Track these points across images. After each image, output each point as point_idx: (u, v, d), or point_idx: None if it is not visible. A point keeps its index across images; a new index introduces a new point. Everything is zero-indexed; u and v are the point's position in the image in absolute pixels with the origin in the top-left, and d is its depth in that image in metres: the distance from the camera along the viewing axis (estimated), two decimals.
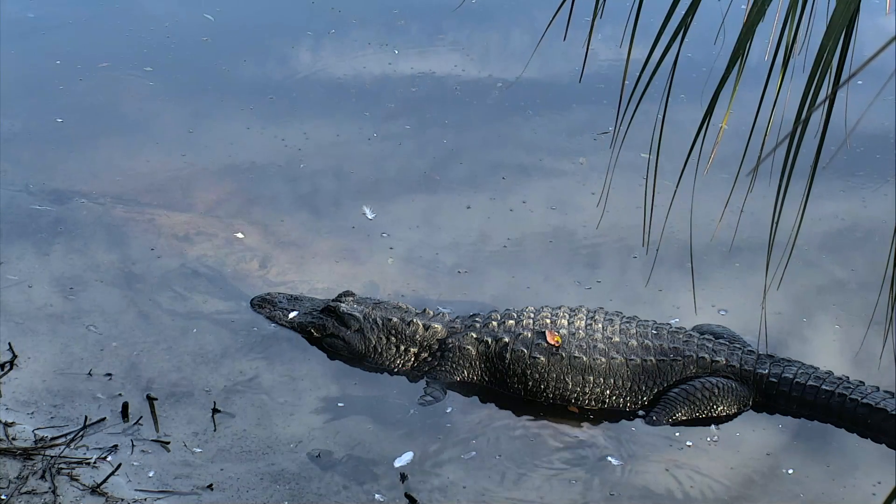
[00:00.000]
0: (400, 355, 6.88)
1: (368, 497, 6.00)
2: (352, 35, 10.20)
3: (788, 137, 3.26)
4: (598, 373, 6.62)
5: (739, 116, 5.34)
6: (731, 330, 7.04)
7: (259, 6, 10.72)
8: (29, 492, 5.85)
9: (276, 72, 9.70)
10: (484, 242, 7.84)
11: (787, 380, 6.62)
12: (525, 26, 10.51)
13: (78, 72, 9.44)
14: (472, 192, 8.33)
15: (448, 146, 8.82)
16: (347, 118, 9.12)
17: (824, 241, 7.90)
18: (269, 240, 7.78)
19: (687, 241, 7.49)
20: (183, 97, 9.26)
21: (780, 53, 3.44)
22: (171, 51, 9.83)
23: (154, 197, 8.10)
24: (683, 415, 6.54)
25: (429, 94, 9.46)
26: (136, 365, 6.72)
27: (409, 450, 6.27)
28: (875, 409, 6.48)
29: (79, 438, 6.20)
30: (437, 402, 6.61)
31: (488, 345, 6.74)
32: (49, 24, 10.12)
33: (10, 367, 6.62)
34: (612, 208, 7.79)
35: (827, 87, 3.27)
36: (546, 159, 8.72)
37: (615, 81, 9.41)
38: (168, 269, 7.46)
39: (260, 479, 6.05)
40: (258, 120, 9.03)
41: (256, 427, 6.36)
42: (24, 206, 7.90)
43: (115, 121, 8.94)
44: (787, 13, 3.36)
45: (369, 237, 7.83)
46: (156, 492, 5.93)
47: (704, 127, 3.47)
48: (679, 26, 3.44)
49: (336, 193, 8.29)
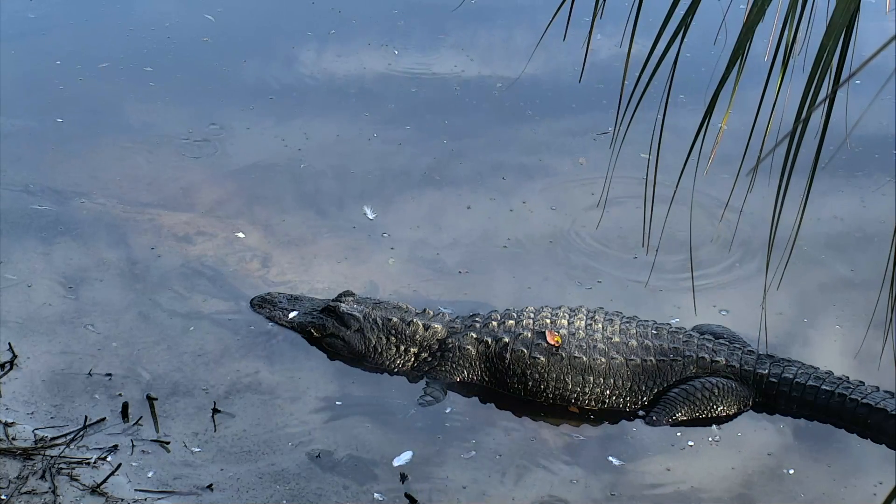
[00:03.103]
0: (400, 355, 6.88)
1: (368, 497, 6.00)
2: (352, 35, 10.20)
3: (788, 137, 3.26)
4: (597, 373, 6.62)
5: (739, 116, 5.34)
6: (731, 330, 7.04)
7: (259, 7, 10.72)
8: (29, 492, 5.85)
9: (277, 72, 9.70)
10: (484, 242, 7.84)
11: (787, 380, 6.62)
12: (525, 26, 10.51)
13: (78, 72, 9.45)
14: (473, 192, 8.33)
15: (448, 146, 8.82)
16: (348, 118, 9.13)
17: (825, 241, 7.90)
18: (270, 240, 7.78)
19: (687, 241, 7.49)
20: (183, 97, 9.26)
21: (780, 53, 3.44)
22: (171, 51, 9.84)
23: (154, 197, 8.10)
24: (683, 415, 6.54)
25: (429, 95, 9.46)
26: (136, 365, 6.72)
27: (408, 449, 6.27)
28: (875, 409, 6.48)
29: (79, 438, 6.20)
30: (437, 402, 6.61)
31: (488, 345, 6.74)
32: (49, 24, 10.12)
33: (10, 367, 6.62)
34: (612, 208, 7.79)
35: (827, 87, 3.27)
36: (546, 159, 8.72)
37: (615, 81, 9.41)
38: (168, 269, 7.46)
39: (260, 479, 6.05)
40: (258, 120, 9.03)
41: (256, 427, 6.36)
42: (24, 206, 7.90)
43: (115, 121, 8.94)
44: (787, 13, 3.35)
45: (370, 237, 7.83)
46: (156, 492, 5.93)
47: (704, 127, 3.47)
48: (679, 26, 3.44)
49: (336, 193, 8.29)
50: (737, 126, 7.86)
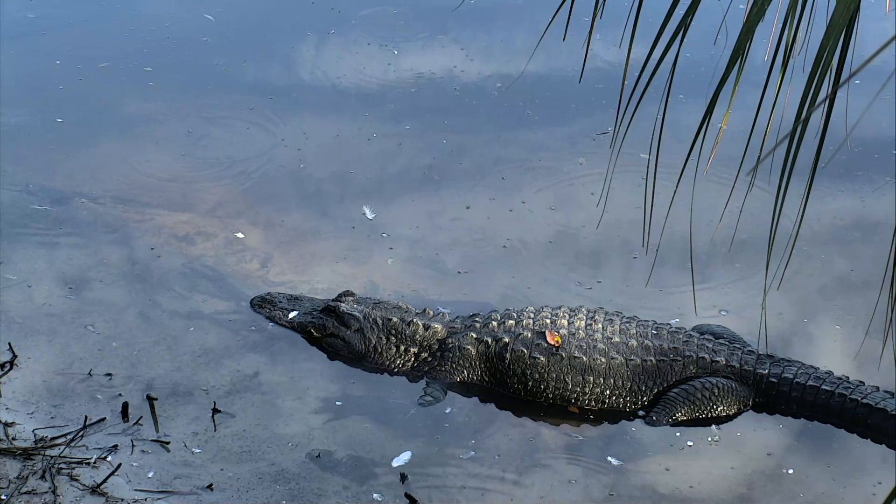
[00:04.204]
0: (400, 355, 6.88)
1: (368, 497, 6.00)
2: (352, 35, 10.20)
3: (788, 137, 3.26)
4: (597, 373, 6.62)
5: (739, 116, 5.34)
6: (731, 330, 7.04)
7: (259, 6, 10.71)
8: (29, 492, 5.85)
9: (276, 72, 9.70)
10: (484, 242, 7.84)
11: (787, 380, 6.62)
12: (525, 26, 10.51)
13: (78, 72, 9.44)
14: (472, 192, 8.33)
15: (448, 146, 8.82)
16: (347, 118, 9.12)
17: (825, 242, 7.90)
18: (269, 240, 7.78)
19: (687, 241, 7.49)
20: (183, 97, 9.26)
21: (781, 53, 3.44)
22: (171, 51, 9.83)
23: (154, 197, 8.10)
24: (683, 415, 6.54)
25: (428, 95, 9.46)
26: (136, 365, 6.72)
27: (408, 450, 6.27)
28: (875, 409, 6.48)
29: (79, 438, 6.20)
30: (437, 402, 6.61)
31: (488, 345, 6.74)
32: (49, 24, 10.12)
33: (10, 367, 6.62)
34: (612, 208, 7.79)
35: (827, 87, 3.27)
36: (546, 159, 8.71)
37: (615, 81, 9.41)
38: (168, 269, 7.46)
39: (260, 479, 6.05)
40: (258, 120, 9.02)
41: (256, 427, 6.36)
42: (24, 206, 7.90)
43: (115, 121, 8.94)
44: (787, 13, 3.36)
45: (369, 237, 7.83)
46: (156, 492, 5.93)
47: (704, 127, 3.47)
48: (679, 26, 3.44)
49: (336, 193, 8.29)
50: (737, 126, 7.86)
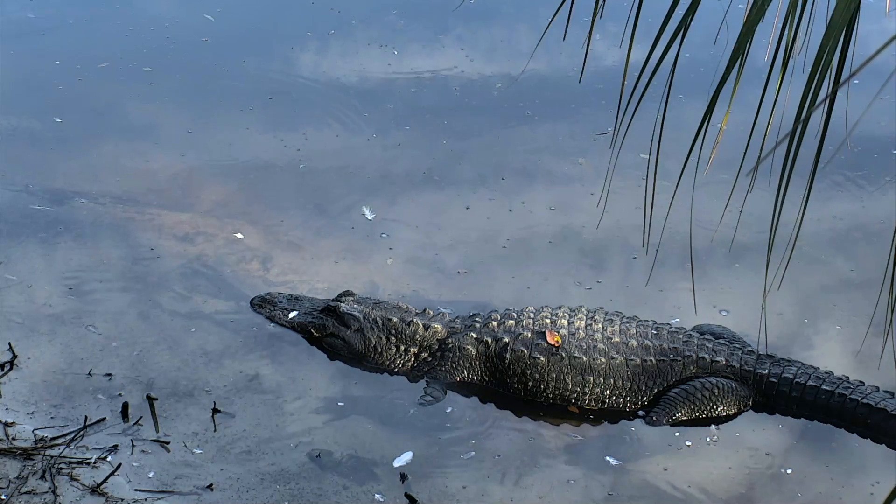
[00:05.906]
0: (400, 355, 6.88)
1: (368, 497, 6.00)
2: (352, 36, 10.20)
3: (788, 137, 3.26)
4: (597, 373, 6.62)
5: (739, 116, 5.34)
6: (731, 330, 7.04)
7: (259, 7, 10.72)
8: (29, 492, 5.85)
9: (276, 72, 9.70)
10: (484, 243, 7.84)
11: (787, 380, 6.62)
12: (525, 26, 10.51)
13: (78, 72, 9.44)
14: (472, 192, 8.33)
15: (447, 147, 8.82)
16: (347, 119, 9.12)
17: (825, 241, 7.90)
18: (269, 240, 7.78)
19: (687, 242, 7.49)
20: (183, 97, 9.26)
21: (781, 53, 3.45)
22: (171, 51, 9.84)
23: (154, 197, 8.10)
24: (683, 415, 6.55)
25: (429, 95, 9.46)
26: (136, 365, 6.72)
27: (408, 450, 6.27)
28: (875, 409, 6.48)
29: (79, 438, 6.20)
30: (437, 402, 6.61)
31: (488, 345, 6.74)
32: (49, 24, 10.12)
33: (10, 367, 6.62)
34: (612, 209, 7.79)
35: (827, 87, 3.27)
36: (546, 160, 8.72)
37: (615, 81, 9.41)
38: (168, 269, 7.46)
39: (260, 479, 6.05)
40: (258, 120, 9.03)
41: (256, 427, 6.36)
42: (24, 206, 7.90)
43: (115, 121, 8.94)
44: (787, 13, 3.36)
45: (369, 237, 7.83)
46: (156, 492, 5.93)
47: (704, 127, 3.47)
48: (679, 26, 3.44)
49: (336, 194, 8.29)
50: (737, 126, 7.86)
